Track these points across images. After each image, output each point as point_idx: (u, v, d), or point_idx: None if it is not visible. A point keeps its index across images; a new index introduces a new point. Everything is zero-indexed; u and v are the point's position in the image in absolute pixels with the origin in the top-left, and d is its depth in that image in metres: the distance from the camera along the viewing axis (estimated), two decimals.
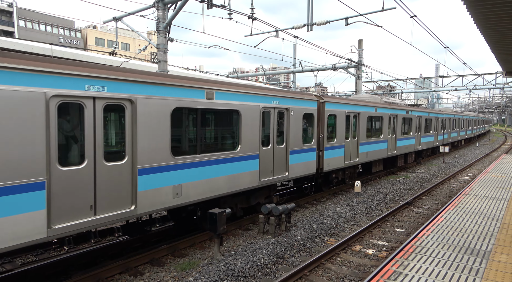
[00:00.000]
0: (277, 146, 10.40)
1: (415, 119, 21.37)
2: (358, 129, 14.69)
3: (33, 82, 5.07)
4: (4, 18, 53.72)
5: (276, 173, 10.44)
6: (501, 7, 7.67)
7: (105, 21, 15.41)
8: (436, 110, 27.82)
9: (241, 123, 8.91)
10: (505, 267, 5.93)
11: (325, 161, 12.58)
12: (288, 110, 10.62)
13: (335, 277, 7.10)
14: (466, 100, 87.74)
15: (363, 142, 15.08)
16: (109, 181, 6.07)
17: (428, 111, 24.29)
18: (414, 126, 21.32)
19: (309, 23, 15.29)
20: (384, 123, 17.05)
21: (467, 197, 11.22)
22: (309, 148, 11.67)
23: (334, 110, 12.89)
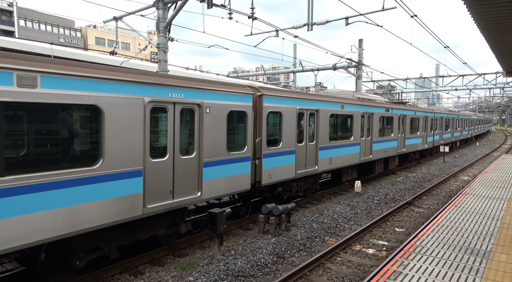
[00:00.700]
0: (180, 156, 7.40)
1: (397, 118, 18.73)
2: (317, 130, 12.19)
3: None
4: (4, 18, 53.74)
5: (179, 194, 7.39)
6: (501, 6, 7.67)
7: (105, 21, 15.41)
8: (425, 109, 25.25)
9: (104, 128, 5.99)
10: (505, 266, 5.93)
11: (265, 172, 9.85)
12: (201, 106, 7.76)
13: (335, 277, 7.11)
14: (467, 100, 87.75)
15: (324, 146, 12.59)
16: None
17: (414, 109, 21.65)
18: (397, 126, 18.69)
19: (309, 23, 15.28)
20: (355, 122, 14.57)
21: (467, 197, 11.22)
22: (238, 157, 8.90)
23: (278, 107, 10.28)
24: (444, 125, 28.78)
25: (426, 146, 24.18)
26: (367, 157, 15.81)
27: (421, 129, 22.86)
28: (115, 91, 6.15)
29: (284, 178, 10.77)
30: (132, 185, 6.42)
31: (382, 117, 17.01)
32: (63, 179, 5.45)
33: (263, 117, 9.77)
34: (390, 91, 41.34)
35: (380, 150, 16.91)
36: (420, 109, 23.13)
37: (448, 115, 30.20)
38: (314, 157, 12.22)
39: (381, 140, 16.96)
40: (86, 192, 5.73)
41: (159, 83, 6.88)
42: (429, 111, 25.06)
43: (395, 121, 18.50)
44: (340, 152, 13.62)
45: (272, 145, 10.28)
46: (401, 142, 19.57)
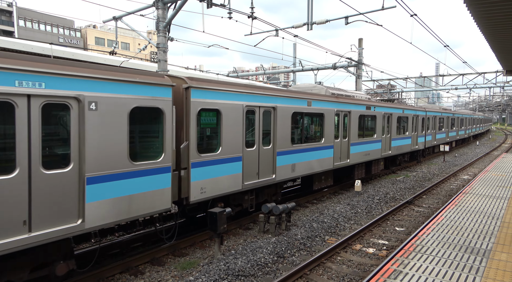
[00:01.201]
0: (43, 171, 5.32)
1: (381, 117, 16.80)
2: (275, 132, 10.27)
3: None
4: (4, 18, 53.72)
5: (38, 227, 5.30)
6: (501, 5, 7.67)
7: (105, 21, 15.41)
8: (416, 107, 23.09)
9: None
10: (506, 265, 5.93)
11: (195, 185, 7.84)
12: (81, 101, 5.73)
13: (336, 276, 7.11)
14: (467, 99, 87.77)
15: (284, 151, 10.65)
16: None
17: (402, 107, 19.62)
18: (381, 126, 16.77)
19: (309, 22, 15.28)
20: (326, 122, 12.60)
21: (468, 196, 11.22)
22: (150, 168, 6.82)
23: (216, 103, 8.30)
24: (437, 125, 26.80)
25: (417, 147, 22.15)
26: (343, 161, 13.80)
27: (411, 129, 20.90)
28: None
29: (226, 191, 8.72)
30: None
31: (362, 116, 15.11)
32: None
33: (192, 116, 7.65)
34: (390, 90, 41.32)
35: (359, 153, 14.97)
36: (409, 107, 20.99)
37: (442, 113, 28.38)
38: (271, 164, 10.27)
39: (361, 142, 15.03)
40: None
41: None
42: (420, 109, 23.02)
43: (379, 120, 16.56)
44: (306, 157, 11.71)
45: (207, 151, 8.28)
46: (386, 143, 17.58)
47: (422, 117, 23.01)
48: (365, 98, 16.91)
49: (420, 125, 22.59)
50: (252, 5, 13.44)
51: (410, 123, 20.81)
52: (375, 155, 16.53)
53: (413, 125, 21.39)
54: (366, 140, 15.47)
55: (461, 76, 34.44)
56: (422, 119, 22.90)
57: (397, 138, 19.00)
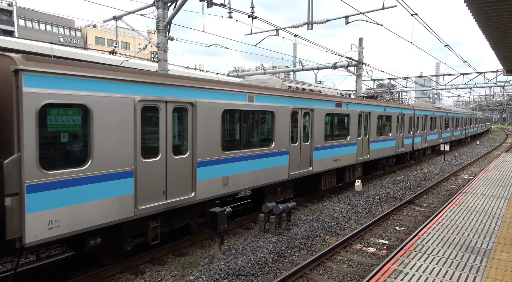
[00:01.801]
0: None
1: (356, 117, 14.40)
2: (194, 136, 7.77)
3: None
4: (4, 17, 53.72)
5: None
6: (502, 4, 7.66)
7: (105, 20, 15.40)
8: (402, 105, 20.41)
9: None
10: (506, 265, 5.93)
11: (36, 218, 5.34)
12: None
13: (336, 276, 7.11)
14: (467, 99, 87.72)
15: (210, 160, 8.16)
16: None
17: (384, 105, 17.13)
18: (355, 127, 14.41)
19: (309, 22, 15.27)
20: (278, 123, 10.13)
21: (468, 196, 11.22)
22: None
23: (80, 95, 5.80)
24: (428, 125, 24.32)
25: (403, 150, 19.80)
26: (304, 169, 11.47)
27: (395, 129, 18.42)
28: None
29: (101, 222, 6.13)
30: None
31: (330, 115, 12.83)
32: None
33: (27, 114, 5.19)
34: (390, 90, 41.33)
35: (326, 159, 12.64)
36: (393, 105, 18.36)
37: (435, 112, 25.90)
38: (189, 179, 7.67)
39: (328, 146, 12.70)
40: None
41: None
42: (408, 107, 20.59)
43: (353, 119, 14.20)
44: (246, 167, 9.27)
45: (67, 165, 5.77)
46: (363, 146, 15.37)
47: (410, 116, 20.50)
48: (338, 94, 14.59)
49: (407, 125, 20.09)
50: (252, 5, 13.43)
51: (395, 122, 18.28)
52: (349, 161, 14.13)
53: (398, 125, 18.91)
54: (336, 143, 13.14)
55: (461, 75, 34.43)
56: (409, 118, 20.44)
57: (378, 140, 16.59)
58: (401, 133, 19.37)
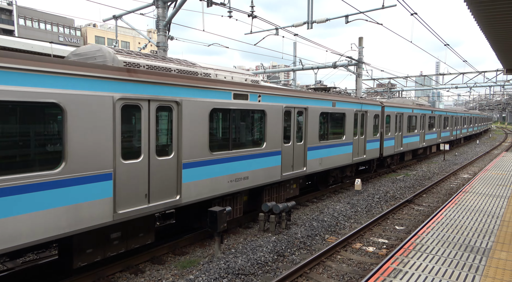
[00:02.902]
0: None
1: (279, 114, 10.26)
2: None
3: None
4: (4, 17, 53.67)
5: None
6: (502, 4, 7.66)
7: (105, 19, 15.40)
8: (365, 100, 16.14)
9: None
10: (505, 264, 5.94)
11: None
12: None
13: (336, 275, 7.12)
14: (467, 98, 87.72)
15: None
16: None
17: (333, 99, 13.03)
18: (278, 130, 10.19)
19: (309, 21, 15.27)
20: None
21: (467, 195, 11.23)
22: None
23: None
24: (405, 125, 20.27)
25: (365, 157, 15.69)
26: (170, 199, 7.22)
27: (351, 131, 14.35)
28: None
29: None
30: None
31: (223, 111, 8.52)
32: None
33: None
34: (390, 89, 41.32)
35: (219, 178, 8.34)
36: (347, 99, 14.13)
37: (415, 110, 21.80)
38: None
39: (228, 158, 8.55)
40: None
41: None
42: (372, 103, 16.37)
43: (273, 119, 9.93)
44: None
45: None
46: (297, 156, 11.15)
47: (375, 114, 16.56)
48: (249, 81, 9.61)
49: (371, 125, 16.19)
50: (252, 4, 13.43)
51: (351, 122, 14.29)
52: (267, 177, 9.85)
53: (358, 126, 14.97)
54: (237, 154, 8.78)
55: (461, 75, 34.45)
56: (375, 117, 16.55)
57: (322, 146, 12.45)
58: (362, 136, 15.37)
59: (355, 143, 14.85)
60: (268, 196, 10.51)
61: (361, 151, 15.48)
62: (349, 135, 14.29)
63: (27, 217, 5.18)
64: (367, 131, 15.79)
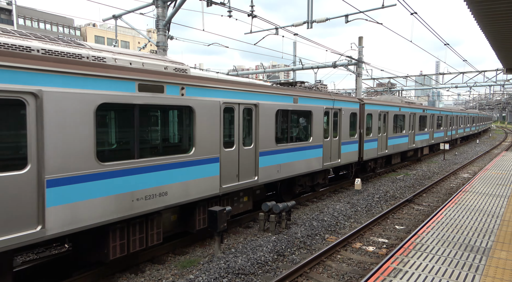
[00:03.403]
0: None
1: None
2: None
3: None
4: (4, 16, 53.65)
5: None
6: (501, 3, 7.66)
7: (104, 19, 15.40)
8: (339, 96, 13.75)
9: None
10: (505, 264, 5.94)
11: None
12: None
13: (336, 274, 7.13)
14: (467, 97, 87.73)
15: None
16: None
17: (296, 95, 10.96)
18: (215, 131, 8.32)
19: (309, 21, 15.26)
20: None
21: (467, 194, 11.23)
22: None
23: None
24: (391, 125, 18.20)
25: (340, 162, 13.62)
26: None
27: (321, 132, 12.32)
28: None
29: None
30: None
31: (135, 109, 6.66)
32: None
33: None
34: (390, 88, 41.31)
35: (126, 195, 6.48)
36: (315, 95, 11.92)
37: (402, 108, 19.50)
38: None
39: (120, 170, 6.36)
40: None
41: None
42: (348, 99, 14.23)
43: (209, 118, 8.16)
44: None
45: None
46: (247, 163, 9.32)
47: (352, 113, 14.46)
48: (170, 70, 7.58)
49: (347, 125, 14.12)
50: (252, 4, 13.42)
51: (319, 122, 12.20)
52: (197, 192, 7.89)
53: (330, 126, 13.05)
54: (144, 164, 6.74)
55: (461, 74, 34.45)
56: (352, 115, 14.47)
57: (279, 150, 10.37)
58: (335, 138, 13.43)
59: (326, 145, 12.89)
60: (204, 214, 8.35)
61: (335, 154, 13.47)
62: (318, 136, 12.22)
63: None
64: (342, 132, 13.77)
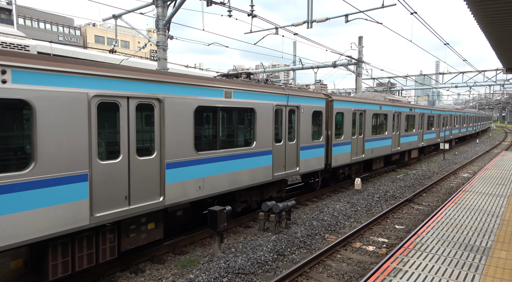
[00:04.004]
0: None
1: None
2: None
3: None
4: (4, 16, 53.61)
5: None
6: (501, 3, 7.66)
7: (104, 19, 15.40)
8: (295, 90, 11.13)
9: None
10: (505, 263, 5.94)
11: None
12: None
13: (336, 274, 7.13)
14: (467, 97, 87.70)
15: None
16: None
17: (230, 88, 8.59)
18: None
19: (309, 20, 15.26)
20: None
21: (467, 194, 11.23)
22: None
23: None
24: (370, 125, 15.70)
25: (298, 170, 11.22)
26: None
27: (268, 135, 9.92)
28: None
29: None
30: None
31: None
32: None
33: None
34: (390, 88, 41.30)
35: None
36: (261, 89, 9.59)
37: (383, 106, 16.89)
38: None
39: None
40: None
41: None
42: (312, 95, 11.78)
43: (65, 118, 5.55)
44: None
45: None
46: (129, 182, 6.47)
47: (315, 111, 11.88)
48: None
49: (310, 126, 11.66)
50: (252, 3, 13.41)
51: (266, 122, 9.82)
52: (48, 227, 5.40)
53: (282, 127, 10.53)
54: None
55: (461, 74, 34.45)
56: (315, 114, 11.97)
57: (202, 159, 7.96)
58: (292, 141, 10.94)
59: (278, 151, 10.44)
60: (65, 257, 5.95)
61: (291, 162, 11.01)
62: (265, 140, 9.83)
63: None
64: (301, 135, 11.28)
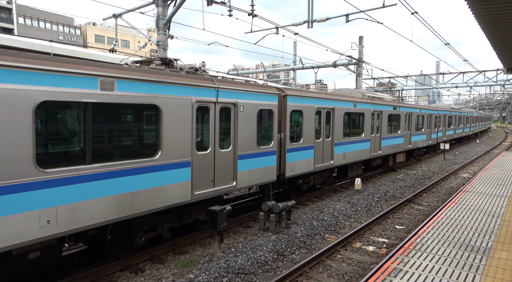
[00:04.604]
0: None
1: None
2: None
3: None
4: (4, 15, 53.60)
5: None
6: (502, 3, 7.64)
7: (104, 18, 15.39)
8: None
9: None
10: (505, 264, 5.93)
11: None
12: None
13: (336, 274, 7.12)
14: (467, 97, 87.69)
15: None
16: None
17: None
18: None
19: (309, 20, 15.24)
20: None
21: (468, 194, 11.22)
22: None
23: None
24: (341, 126, 13.61)
25: (235, 185, 8.86)
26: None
27: (186, 141, 7.48)
28: None
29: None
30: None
31: None
32: None
33: None
34: (390, 88, 41.28)
35: None
36: (176, 80, 7.18)
37: (359, 104, 14.80)
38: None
39: None
40: None
41: None
42: (259, 90, 9.49)
43: None
44: None
45: None
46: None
47: (263, 109, 9.74)
48: None
49: (255, 128, 9.38)
50: (252, 3, 13.40)
51: (184, 125, 7.41)
52: None
53: (211, 131, 8.19)
54: None
55: (461, 74, 34.41)
56: (262, 113, 9.77)
57: (34, 182, 5.13)
58: (226, 148, 8.63)
59: (203, 162, 7.96)
60: None
61: (225, 175, 8.56)
62: (180, 149, 7.37)
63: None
64: (240, 139, 8.90)
